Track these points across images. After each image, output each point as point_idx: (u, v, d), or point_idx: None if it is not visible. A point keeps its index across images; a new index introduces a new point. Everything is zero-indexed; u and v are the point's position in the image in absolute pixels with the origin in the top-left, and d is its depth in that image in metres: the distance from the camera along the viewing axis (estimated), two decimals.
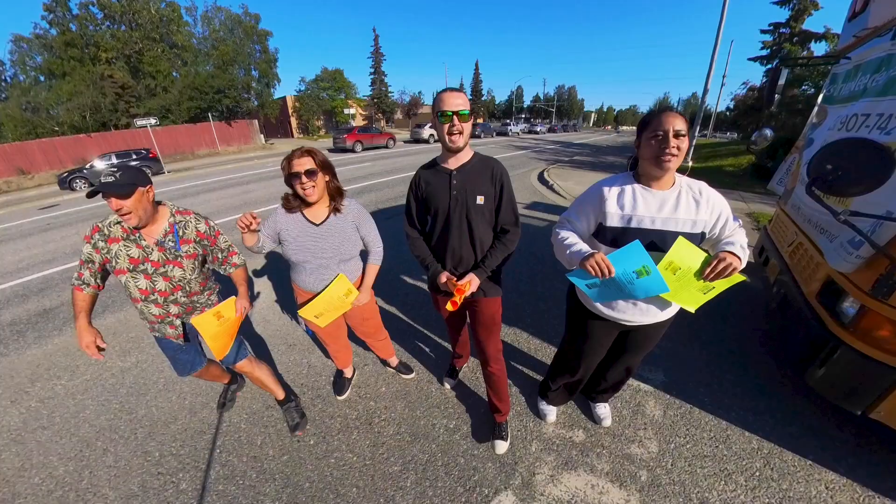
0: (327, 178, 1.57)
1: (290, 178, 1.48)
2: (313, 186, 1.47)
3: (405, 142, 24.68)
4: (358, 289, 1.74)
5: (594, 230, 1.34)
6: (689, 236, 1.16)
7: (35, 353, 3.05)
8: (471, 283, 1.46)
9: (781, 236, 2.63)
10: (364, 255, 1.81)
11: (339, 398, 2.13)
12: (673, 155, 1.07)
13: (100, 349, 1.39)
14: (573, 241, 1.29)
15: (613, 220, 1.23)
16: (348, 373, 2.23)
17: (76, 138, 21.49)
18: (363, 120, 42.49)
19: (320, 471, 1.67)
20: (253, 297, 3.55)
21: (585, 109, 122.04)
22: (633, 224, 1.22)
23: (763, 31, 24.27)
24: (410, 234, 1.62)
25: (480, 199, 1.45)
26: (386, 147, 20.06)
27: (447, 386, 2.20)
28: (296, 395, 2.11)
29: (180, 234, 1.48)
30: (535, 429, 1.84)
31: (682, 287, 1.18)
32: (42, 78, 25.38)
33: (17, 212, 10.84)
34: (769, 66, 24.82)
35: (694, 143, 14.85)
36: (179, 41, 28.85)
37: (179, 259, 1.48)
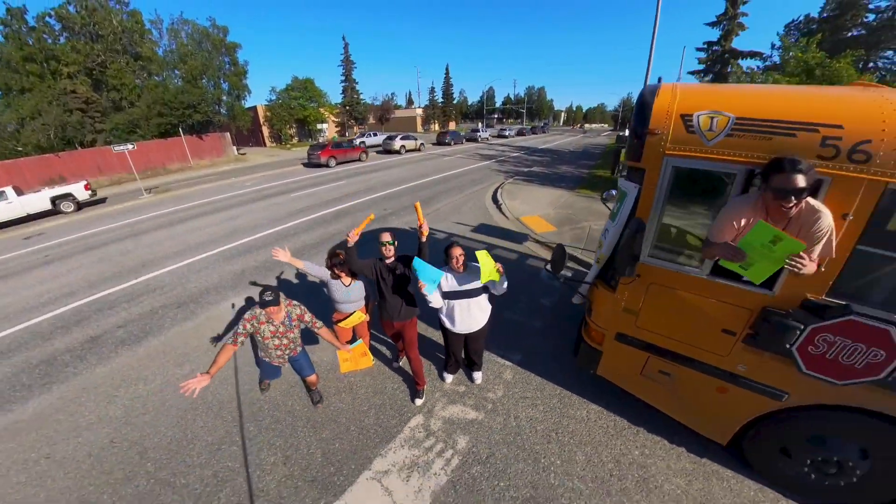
0: (351, 273, 3.11)
1: (332, 268, 3.08)
2: (343, 275, 3.08)
3: (377, 152, 25.80)
4: (365, 312, 3.32)
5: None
6: (478, 289, 2.70)
7: (103, 370, 4.24)
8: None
9: None
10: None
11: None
12: (464, 266, 2.60)
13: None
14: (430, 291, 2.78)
15: (445, 287, 2.75)
16: None
17: (42, 158, 21.13)
18: (336, 127, 43.02)
19: (326, 412, 3.16)
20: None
21: (556, 109, 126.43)
22: (447, 289, 2.76)
23: (699, 49, 27.20)
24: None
25: (402, 272, 2.94)
26: (359, 160, 21.19)
27: (395, 365, 3.70)
28: None
29: (294, 318, 2.84)
30: (439, 386, 3.37)
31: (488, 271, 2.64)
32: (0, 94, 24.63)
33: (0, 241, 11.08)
34: (706, 79, 27.82)
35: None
36: (144, 52, 28.50)
37: (292, 329, 2.85)
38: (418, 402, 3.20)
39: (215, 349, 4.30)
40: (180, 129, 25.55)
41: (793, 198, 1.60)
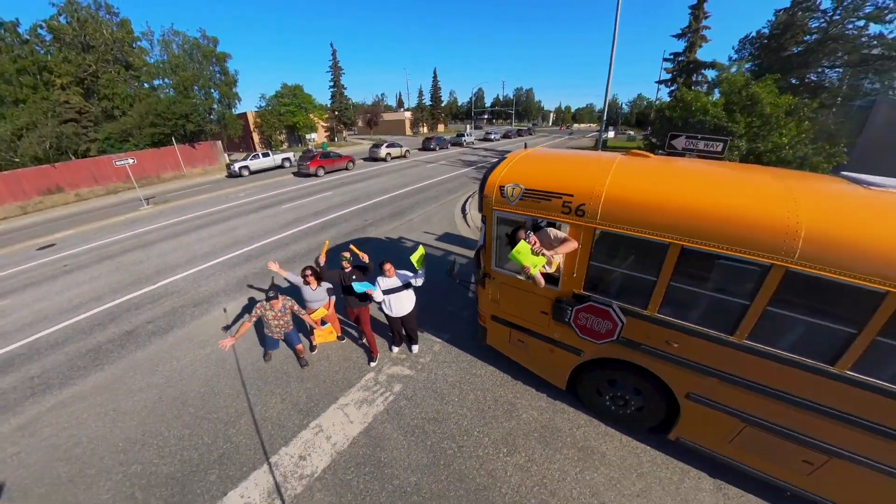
0: (318, 279, 4.53)
1: (305, 276, 4.46)
2: (312, 282, 4.47)
3: (364, 159, 27.08)
4: (327, 308, 4.74)
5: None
6: (403, 286, 4.24)
7: (142, 354, 5.65)
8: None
9: None
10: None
11: (313, 352, 5.08)
12: (394, 274, 4.11)
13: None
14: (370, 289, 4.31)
15: (384, 287, 4.27)
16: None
17: (39, 169, 21.91)
18: (325, 132, 44.12)
19: (310, 372, 4.66)
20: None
21: (546, 109, 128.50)
22: (385, 288, 4.28)
23: (665, 60, 29.18)
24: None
25: (355, 276, 4.46)
26: (346, 169, 22.53)
27: (360, 342, 5.22)
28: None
29: (287, 307, 4.36)
30: (388, 355, 4.92)
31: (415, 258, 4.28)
32: None
33: (14, 252, 12.09)
34: (673, 87, 29.79)
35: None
36: (136, 62, 29.31)
37: (286, 314, 4.38)
38: (372, 364, 4.74)
39: (231, 331, 5.78)
40: (173, 139, 26.50)
41: (531, 239, 3.16)
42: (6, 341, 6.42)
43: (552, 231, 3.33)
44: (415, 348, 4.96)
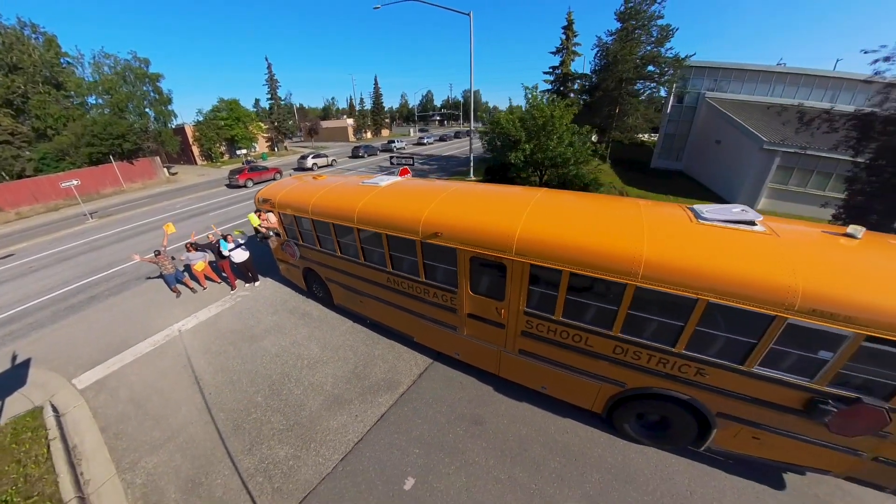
0: (195, 248, 9.13)
1: (187, 247, 9.08)
2: (191, 250, 9.09)
3: (294, 169, 30.89)
4: (205, 262, 9.38)
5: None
6: (241, 245, 8.99)
7: (103, 304, 9.90)
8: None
9: None
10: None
11: (202, 290, 9.67)
12: (231, 241, 8.83)
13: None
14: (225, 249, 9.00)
15: (231, 247, 8.97)
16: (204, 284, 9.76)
17: None
18: (266, 143, 46.86)
19: (198, 296, 9.28)
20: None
21: (500, 110, 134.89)
22: (231, 247, 9.02)
23: (545, 73, 35.37)
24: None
25: (218, 246, 9.15)
26: (273, 180, 26.41)
27: (228, 281, 9.87)
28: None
29: (168, 258, 9.03)
30: (241, 287, 9.64)
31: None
32: None
33: None
34: (551, 96, 36.16)
35: (472, 157, 23.86)
36: (66, 83, 30.91)
37: (172, 262, 9.05)
38: (232, 292, 9.42)
39: (140, 255, 10.18)
40: (111, 157, 28.71)
41: (262, 216, 8.00)
42: (2, 311, 10.26)
43: (271, 215, 8.12)
44: (257, 284, 9.69)
